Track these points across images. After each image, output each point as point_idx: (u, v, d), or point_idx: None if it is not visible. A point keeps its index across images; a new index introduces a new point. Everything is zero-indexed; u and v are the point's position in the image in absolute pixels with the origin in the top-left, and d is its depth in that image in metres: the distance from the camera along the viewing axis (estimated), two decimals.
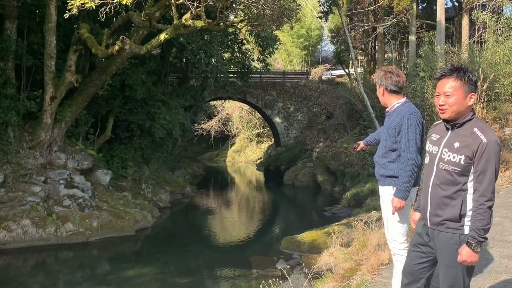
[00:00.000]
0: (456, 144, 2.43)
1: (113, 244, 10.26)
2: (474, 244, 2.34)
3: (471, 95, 2.42)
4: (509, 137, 11.26)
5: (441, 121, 2.59)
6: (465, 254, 2.37)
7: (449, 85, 2.42)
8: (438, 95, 2.48)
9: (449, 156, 2.45)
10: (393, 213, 3.25)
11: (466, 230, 2.44)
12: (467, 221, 2.44)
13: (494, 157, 2.35)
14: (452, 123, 2.47)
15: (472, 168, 2.40)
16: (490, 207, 2.34)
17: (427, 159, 2.62)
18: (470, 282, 2.53)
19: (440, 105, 2.46)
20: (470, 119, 2.44)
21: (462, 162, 2.40)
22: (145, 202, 13.25)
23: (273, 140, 29.33)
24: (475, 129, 2.39)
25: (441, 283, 2.55)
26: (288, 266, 7.84)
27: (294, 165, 21.61)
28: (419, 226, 2.69)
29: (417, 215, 2.80)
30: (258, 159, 31.49)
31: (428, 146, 2.62)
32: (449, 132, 2.50)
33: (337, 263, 5.67)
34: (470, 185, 2.42)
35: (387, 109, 3.42)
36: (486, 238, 2.36)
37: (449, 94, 2.41)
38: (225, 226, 13.91)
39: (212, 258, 9.75)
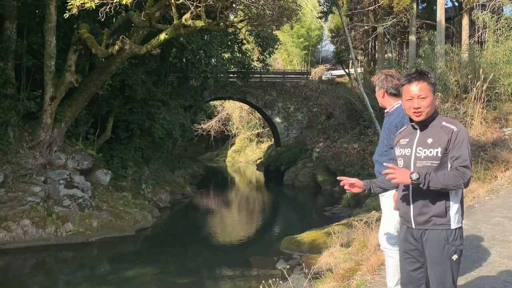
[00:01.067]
0: (430, 140, 2.53)
1: (113, 244, 10.25)
2: (415, 176, 2.40)
3: (436, 95, 2.60)
4: (509, 137, 11.26)
5: (405, 127, 2.76)
6: (399, 171, 2.46)
7: (421, 88, 2.54)
8: (411, 99, 2.56)
9: (425, 152, 2.54)
10: (395, 208, 3.25)
11: (453, 225, 2.48)
12: (453, 214, 2.48)
13: (466, 142, 2.47)
14: (421, 124, 2.59)
15: (448, 157, 2.50)
16: (464, 184, 2.40)
17: (400, 164, 2.65)
18: (456, 278, 2.55)
19: (416, 108, 2.55)
20: (436, 116, 2.59)
21: (439, 155, 2.49)
22: (145, 202, 13.24)
23: (273, 140, 29.33)
24: (443, 123, 2.53)
25: (431, 282, 2.56)
26: (288, 266, 7.84)
27: (294, 165, 21.61)
28: (403, 232, 2.68)
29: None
30: (258, 159, 31.49)
31: (400, 151, 2.68)
32: (418, 132, 2.61)
33: (337, 263, 5.66)
34: None
35: (386, 110, 3.56)
36: (422, 184, 2.39)
37: (423, 96, 2.53)
38: (225, 226, 13.91)
39: (212, 258, 9.74)
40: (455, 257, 2.48)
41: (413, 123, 2.63)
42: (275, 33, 18.94)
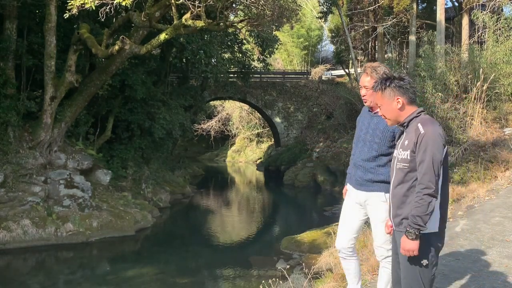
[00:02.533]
0: (406, 142, 2.53)
1: (113, 244, 10.25)
2: (408, 231, 2.38)
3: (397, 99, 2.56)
4: (509, 137, 11.26)
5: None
6: (402, 242, 2.42)
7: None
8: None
9: (401, 154, 2.55)
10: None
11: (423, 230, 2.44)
12: None
13: (431, 146, 2.37)
14: (403, 125, 2.59)
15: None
16: (429, 196, 2.34)
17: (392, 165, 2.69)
18: (429, 282, 2.48)
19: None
20: (416, 117, 2.54)
21: (408, 157, 2.48)
22: (145, 202, 13.24)
23: (273, 140, 29.32)
24: (418, 124, 2.47)
25: (402, 284, 2.56)
26: (288, 266, 7.84)
27: (294, 165, 21.60)
28: (393, 233, 2.70)
29: None
30: (258, 159, 31.48)
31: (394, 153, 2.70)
32: (404, 133, 2.61)
33: (337, 263, 5.65)
34: None
35: (374, 110, 3.21)
36: (420, 227, 2.35)
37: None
38: (225, 226, 13.91)
39: (212, 258, 9.74)
40: (424, 261, 2.44)
41: (399, 123, 2.61)
42: (275, 33, 18.95)
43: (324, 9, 19.80)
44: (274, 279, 4.41)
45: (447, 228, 5.88)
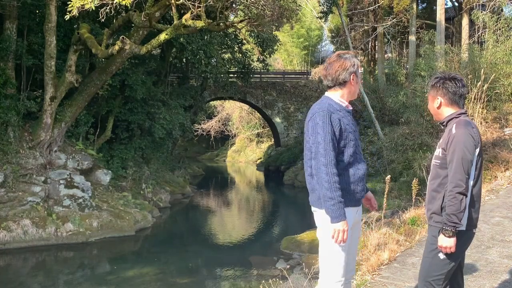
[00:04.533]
0: (441, 140, 2.67)
1: (113, 244, 10.25)
2: (444, 229, 2.47)
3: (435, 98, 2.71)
4: (509, 137, 11.26)
5: None
6: (439, 239, 2.51)
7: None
8: None
9: (436, 152, 2.70)
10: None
11: None
12: None
13: (460, 147, 2.47)
14: (442, 123, 2.73)
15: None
16: (459, 194, 2.43)
17: None
18: (443, 276, 2.56)
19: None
20: (456, 117, 2.62)
21: (440, 155, 2.61)
22: (145, 202, 13.24)
23: (273, 140, 29.32)
24: (454, 125, 2.58)
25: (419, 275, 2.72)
26: (288, 266, 7.85)
27: (294, 165, 21.59)
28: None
29: None
30: (258, 159, 31.48)
31: None
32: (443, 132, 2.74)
33: None
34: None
35: (347, 105, 2.75)
36: (456, 224, 2.44)
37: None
38: (225, 226, 13.91)
39: (212, 258, 9.75)
40: (441, 254, 2.54)
41: (439, 122, 2.76)
42: (275, 33, 18.93)
43: (324, 9, 19.77)
44: (274, 279, 4.42)
45: None
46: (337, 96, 2.72)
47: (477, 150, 2.51)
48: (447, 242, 2.47)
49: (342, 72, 2.66)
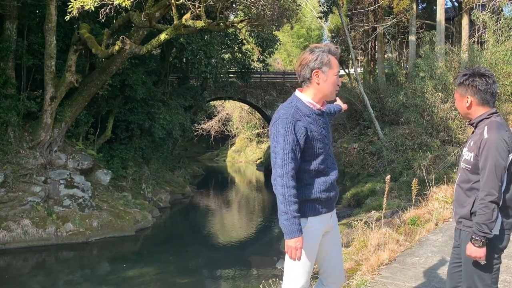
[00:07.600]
0: (471, 143, 2.47)
1: (113, 244, 10.26)
2: (474, 238, 2.35)
3: (466, 97, 2.50)
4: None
5: None
6: (468, 248, 2.39)
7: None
8: None
9: (466, 155, 2.50)
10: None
11: None
12: None
13: (493, 153, 2.31)
14: (472, 125, 2.53)
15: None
16: (491, 203, 2.30)
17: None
18: (491, 282, 2.49)
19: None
20: (487, 118, 2.45)
21: (472, 160, 2.43)
22: (145, 202, 13.25)
23: None
24: (485, 127, 2.40)
25: (462, 281, 2.56)
26: None
27: None
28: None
29: None
30: (258, 159, 31.49)
31: None
32: (472, 133, 2.54)
33: None
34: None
35: (321, 107, 2.47)
36: (487, 234, 2.32)
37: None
38: (225, 226, 13.91)
39: (212, 258, 9.75)
40: (482, 261, 2.42)
41: (469, 123, 2.57)
42: (275, 33, 18.93)
43: (324, 9, 19.78)
44: (274, 279, 4.41)
45: (447, 227, 5.88)
46: (307, 98, 2.42)
47: (511, 156, 2.33)
48: (476, 252, 2.35)
49: (303, 67, 2.39)
